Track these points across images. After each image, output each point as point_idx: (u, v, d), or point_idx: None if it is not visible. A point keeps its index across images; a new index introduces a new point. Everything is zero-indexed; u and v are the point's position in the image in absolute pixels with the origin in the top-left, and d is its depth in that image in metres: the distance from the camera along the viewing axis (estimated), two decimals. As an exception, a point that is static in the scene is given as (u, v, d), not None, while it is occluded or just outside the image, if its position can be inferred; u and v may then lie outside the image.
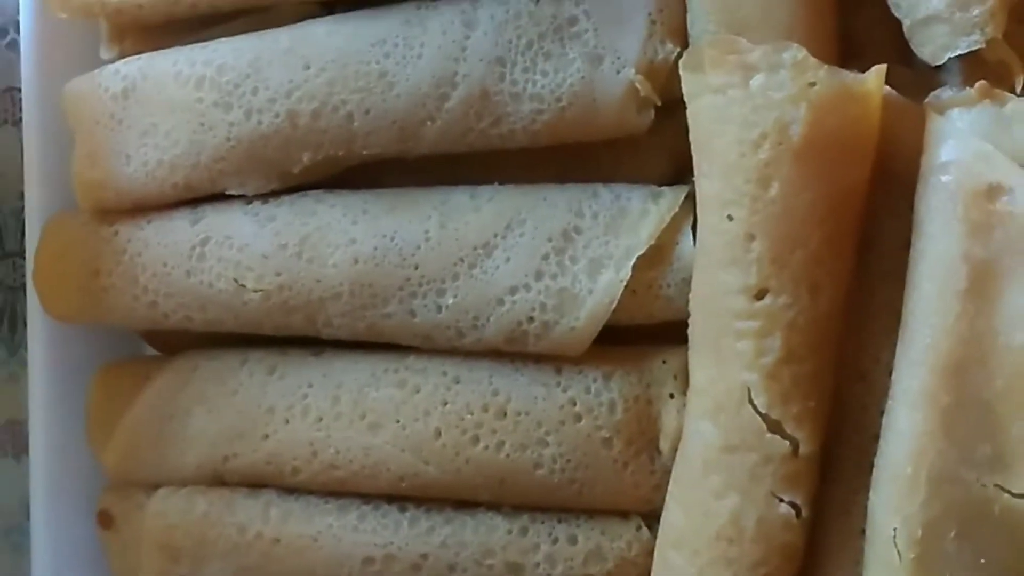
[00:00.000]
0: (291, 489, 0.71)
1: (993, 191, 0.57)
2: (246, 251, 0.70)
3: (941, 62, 0.62)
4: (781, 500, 0.60)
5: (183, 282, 0.71)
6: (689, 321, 0.63)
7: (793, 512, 0.60)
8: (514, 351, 0.68)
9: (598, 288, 0.66)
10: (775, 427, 0.59)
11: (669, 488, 0.64)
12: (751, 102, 0.59)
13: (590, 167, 0.69)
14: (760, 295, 0.59)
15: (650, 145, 0.68)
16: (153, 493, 0.73)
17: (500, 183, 0.69)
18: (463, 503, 0.69)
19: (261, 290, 0.70)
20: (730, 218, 0.60)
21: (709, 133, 0.62)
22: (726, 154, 0.60)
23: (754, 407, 0.60)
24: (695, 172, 0.62)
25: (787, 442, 0.59)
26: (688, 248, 0.65)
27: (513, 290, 0.66)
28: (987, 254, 0.57)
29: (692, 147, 0.62)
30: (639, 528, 0.67)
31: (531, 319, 0.66)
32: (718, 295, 0.61)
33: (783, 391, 0.59)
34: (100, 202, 0.74)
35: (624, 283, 0.65)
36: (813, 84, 0.59)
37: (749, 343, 0.60)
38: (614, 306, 0.65)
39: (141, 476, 0.74)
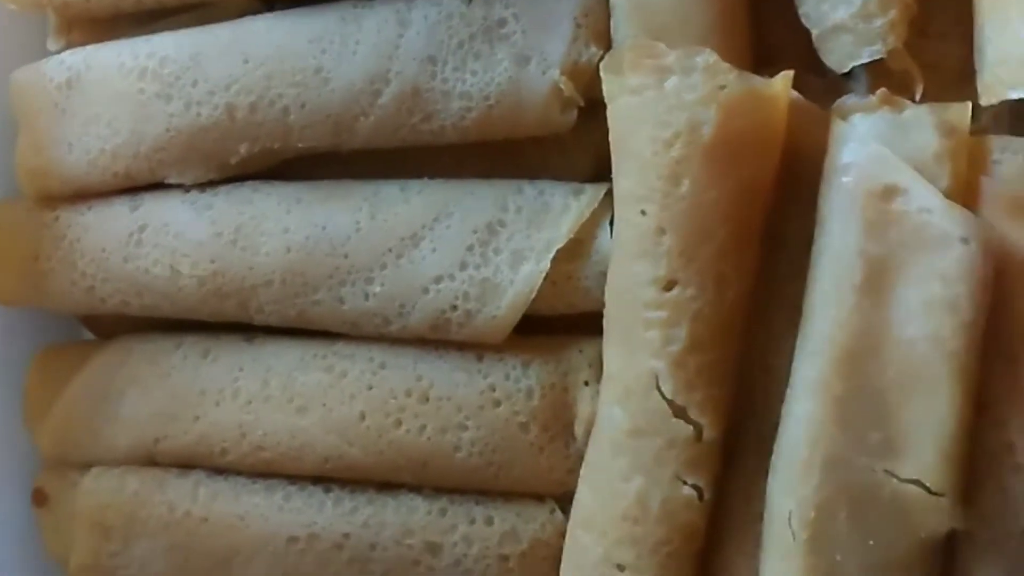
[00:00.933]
0: (220, 470, 0.73)
1: (889, 191, 0.60)
2: (182, 238, 0.72)
3: (846, 70, 0.65)
4: (684, 483, 0.62)
5: (120, 267, 0.73)
6: (604, 311, 0.65)
7: (696, 494, 0.62)
8: (438, 339, 0.69)
9: (519, 279, 0.68)
10: (680, 412, 0.62)
11: (581, 471, 0.66)
12: (665, 103, 0.62)
13: (517, 164, 0.72)
14: (669, 286, 0.62)
15: (574, 144, 0.71)
16: (87, 472, 0.74)
17: (430, 177, 0.71)
18: (385, 485, 0.71)
19: (196, 276, 0.71)
20: (643, 213, 0.63)
21: (626, 132, 0.64)
22: (641, 152, 0.63)
23: (661, 393, 0.62)
24: (613, 169, 0.64)
25: (691, 427, 0.62)
26: (606, 242, 0.67)
27: (438, 279, 0.68)
28: (882, 251, 0.60)
29: (611, 145, 0.65)
30: (553, 511, 0.69)
31: (454, 307, 0.68)
32: (630, 286, 0.64)
33: (688, 378, 0.62)
34: (43, 190, 0.76)
35: (544, 274, 0.67)
36: (723, 87, 0.61)
37: (657, 332, 0.62)
38: (534, 296, 0.67)
39: (75, 456, 0.75)
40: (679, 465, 0.62)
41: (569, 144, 0.71)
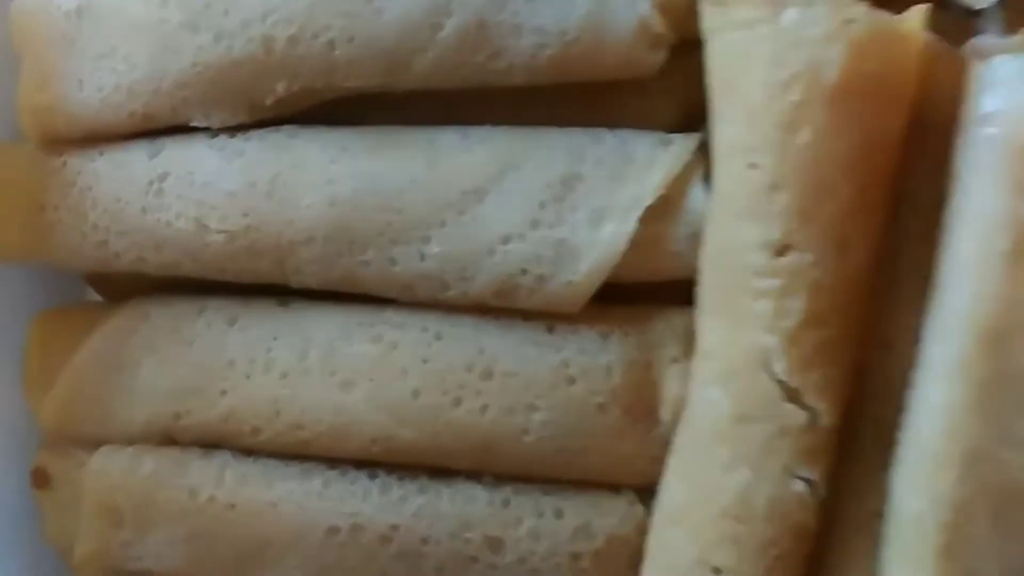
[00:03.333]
0: (250, 451, 0.66)
1: (1043, 145, 0.52)
2: (210, 188, 0.65)
3: (984, 6, 0.56)
4: (796, 476, 0.55)
5: (138, 219, 0.66)
6: (699, 279, 0.58)
7: (808, 489, 0.55)
8: (504, 306, 0.62)
9: (600, 240, 0.60)
10: (793, 396, 0.54)
11: (669, 461, 0.59)
12: (782, 39, 0.54)
13: (591, 111, 0.63)
14: (783, 251, 0.54)
15: (658, 89, 0.63)
16: (95, 451, 0.68)
17: (493, 125, 0.63)
18: (440, 471, 0.64)
19: (225, 231, 0.64)
20: (753, 166, 0.55)
21: (732, 73, 0.56)
22: (751, 96, 0.55)
23: (771, 373, 0.54)
24: (713, 116, 0.57)
25: (805, 413, 0.54)
26: (699, 200, 0.59)
27: (506, 239, 0.61)
28: (1035, 214, 0.52)
29: (711, 89, 0.57)
30: (632, 503, 0.62)
31: (524, 271, 0.61)
32: (735, 250, 0.56)
33: (804, 357, 0.54)
34: (48, 131, 0.69)
35: (630, 235, 0.60)
36: (851, 22, 0.53)
37: (768, 303, 0.54)
38: (617, 260, 0.60)
39: (83, 432, 0.69)
40: (790, 456, 0.55)
41: (651, 88, 0.62)
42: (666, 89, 0.63)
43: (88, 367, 0.68)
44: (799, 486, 0.55)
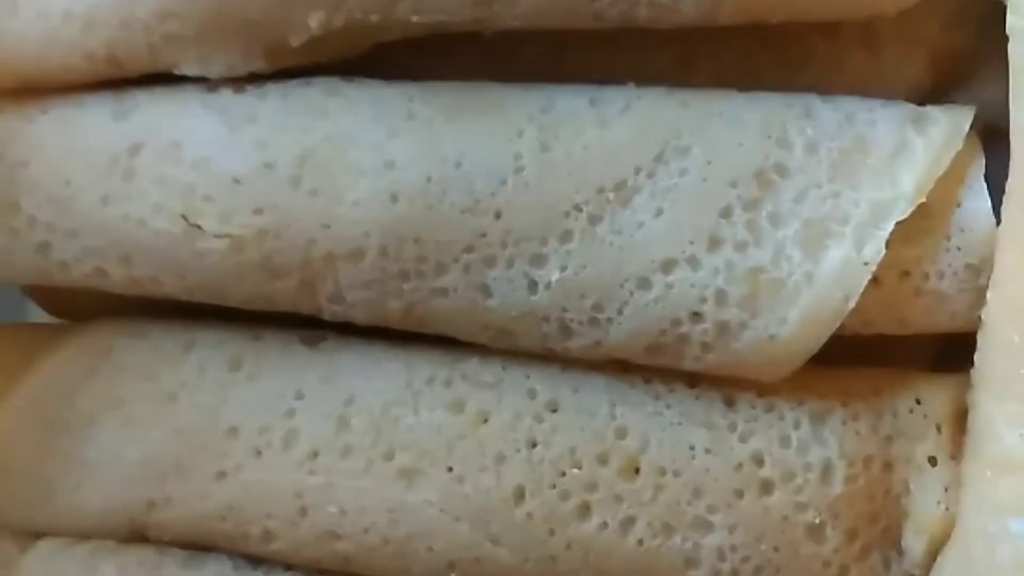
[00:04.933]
0: (256, 561, 0.52)
1: None
2: (205, 169, 0.51)
3: None
4: None
5: (96, 214, 0.52)
6: (981, 337, 0.44)
7: None
8: (659, 366, 0.47)
9: (822, 273, 0.44)
10: None
11: None
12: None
13: (788, 68, 0.50)
14: None
15: (898, 37, 0.49)
16: (32, 546, 0.55)
17: (637, 85, 0.49)
18: None
19: (227, 235, 0.50)
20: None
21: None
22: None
23: None
24: (1011, 94, 0.44)
25: None
26: (980, 212, 0.45)
27: (667, 266, 0.45)
28: None
29: (1011, 53, 0.44)
30: None
31: (697, 316, 0.45)
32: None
33: None
34: None
35: (873, 267, 0.44)
36: None
37: None
38: (849, 304, 0.44)
39: (14, 517, 0.56)
40: None
41: (884, 36, 0.49)
42: (909, 37, 0.49)
43: (23, 424, 0.55)
44: None
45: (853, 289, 0.44)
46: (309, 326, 0.53)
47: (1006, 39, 0.45)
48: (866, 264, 0.44)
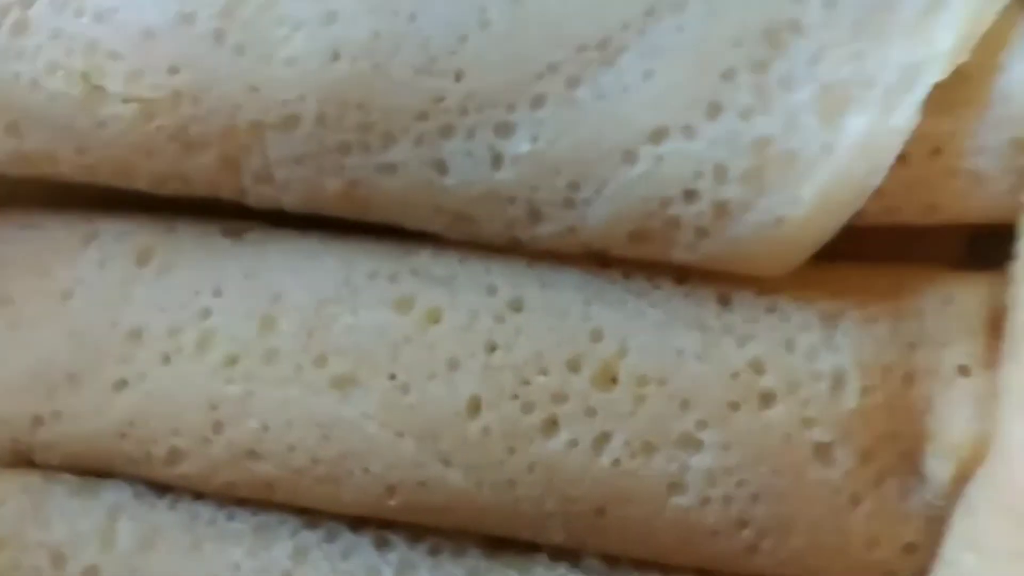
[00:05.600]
0: (163, 488, 0.46)
1: None
2: (111, 21, 0.44)
3: None
4: None
5: None
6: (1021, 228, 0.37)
7: None
8: (643, 257, 0.41)
9: (843, 142, 0.37)
10: None
11: (944, 550, 0.37)
12: None
13: None
14: None
15: None
16: None
17: None
18: (502, 544, 0.43)
19: (137, 99, 0.43)
20: None
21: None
22: None
23: None
24: None
25: None
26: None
27: (657, 135, 0.38)
28: None
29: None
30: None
31: (691, 195, 0.38)
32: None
33: None
34: None
35: (898, 140, 0.37)
36: None
37: None
38: (873, 184, 0.37)
39: None
40: None
41: None
42: None
43: None
44: None
45: (879, 163, 0.37)
46: (232, 215, 0.46)
47: None
48: (896, 132, 0.37)
